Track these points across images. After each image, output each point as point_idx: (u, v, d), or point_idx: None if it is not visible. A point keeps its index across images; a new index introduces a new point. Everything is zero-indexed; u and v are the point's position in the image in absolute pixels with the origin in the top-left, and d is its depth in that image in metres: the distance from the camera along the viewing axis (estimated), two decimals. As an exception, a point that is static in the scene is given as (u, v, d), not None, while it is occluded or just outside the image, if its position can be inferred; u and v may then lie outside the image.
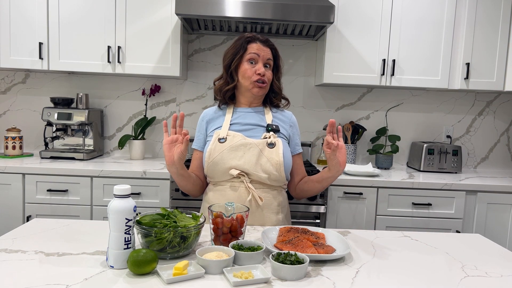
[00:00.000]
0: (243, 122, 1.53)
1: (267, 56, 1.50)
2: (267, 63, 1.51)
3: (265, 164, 1.44)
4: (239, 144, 1.45)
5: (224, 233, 1.14)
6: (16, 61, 2.52)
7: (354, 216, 2.38)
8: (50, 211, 2.33)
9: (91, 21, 2.52)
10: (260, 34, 1.54)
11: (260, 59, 1.49)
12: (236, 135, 1.48)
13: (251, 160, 1.44)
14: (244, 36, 1.52)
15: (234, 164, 1.44)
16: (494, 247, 1.31)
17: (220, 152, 1.45)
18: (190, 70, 2.91)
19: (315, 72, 2.91)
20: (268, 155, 1.45)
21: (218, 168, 1.45)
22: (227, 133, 1.49)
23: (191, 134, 2.97)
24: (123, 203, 1.02)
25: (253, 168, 1.44)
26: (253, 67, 1.48)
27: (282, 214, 1.53)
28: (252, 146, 1.45)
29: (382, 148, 2.82)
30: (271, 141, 1.47)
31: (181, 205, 2.26)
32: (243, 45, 1.50)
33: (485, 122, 3.01)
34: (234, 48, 1.51)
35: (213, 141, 1.48)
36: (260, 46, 1.50)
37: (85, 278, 0.95)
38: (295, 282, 0.97)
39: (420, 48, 2.58)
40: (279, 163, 1.45)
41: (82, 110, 2.65)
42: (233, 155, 1.44)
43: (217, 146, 1.46)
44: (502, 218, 2.42)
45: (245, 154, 1.44)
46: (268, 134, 1.49)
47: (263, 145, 1.46)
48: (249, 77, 1.48)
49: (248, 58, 1.49)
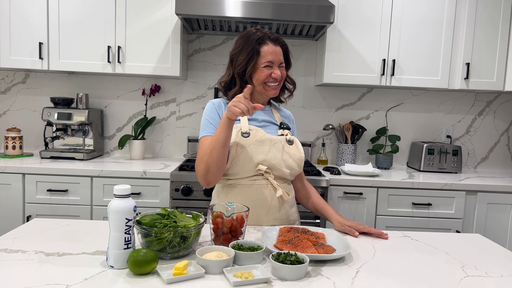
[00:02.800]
0: (259, 118, 1.51)
1: (281, 58, 1.46)
2: (282, 64, 1.47)
3: (288, 159, 1.46)
4: (265, 138, 1.44)
5: (224, 233, 1.14)
6: (16, 61, 2.52)
7: (354, 216, 2.38)
8: (50, 211, 2.33)
9: (91, 21, 2.52)
10: (269, 31, 1.47)
11: (275, 62, 1.44)
12: (258, 129, 1.46)
13: (277, 155, 1.44)
14: (255, 38, 1.42)
15: (261, 158, 1.41)
16: (494, 247, 1.31)
17: (247, 146, 1.41)
18: (190, 70, 2.91)
19: (315, 72, 2.91)
20: (289, 151, 1.47)
21: (245, 163, 1.41)
22: (248, 127, 1.45)
23: (196, 125, 2.97)
24: (123, 203, 1.02)
25: (278, 163, 1.44)
26: (269, 70, 1.43)
27: (295, 206, 1.56)
28: (277, 141, 1.46)
29: (382, 148, 2.82)
30: (290, 138, 1.50)
31: (181, 205, 2.26)
32: (255, 48, 1.41)
33: (485, 122, 3.01)
34: (246, 53, 1.42)
35: (236, 135, 1.42)
36: (273, 47, 1.43)
37: (85, 278, 0.95)
38: (295, 282, 0.97)
39: (420, 48, 2.58)
40: (301, 159, 1.49)
41: (82, 110, 2.65)
42: (260, 149, 1.42)
43: (241, 140, 1.41)
44: (502, 218, 2.42)
45: (271, 149, 1.44)
46: (285, 132, 1.51)
47: (284, 142, 1.48)
48: (263, 80, 1.44)
49: (263, 63, 1.42)
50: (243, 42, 1.44)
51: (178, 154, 2.96)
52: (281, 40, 1.48)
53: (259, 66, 1.42)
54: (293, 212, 1.54)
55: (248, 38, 1.43)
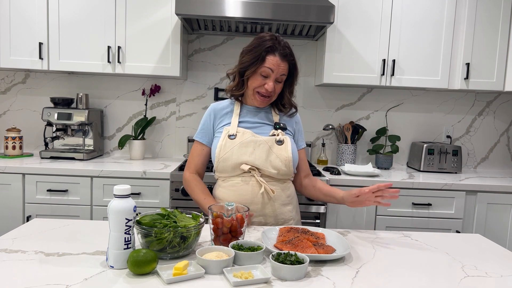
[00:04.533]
0: (252, 120, 1.56)
1: (282, 72, 1.46)
2: (280, 78, 1.48)
3: (274, 160, 1.48)
4: (249, 140, 1.49)
5: (224, 233, 1.15)
6: (16, 61, 2.52)
7: (354, 216, 2.38)
8: (50, 211, 2.33)
9: (91, 21, 2.52)
10: (284, 42, 1.47)
11: (273, 74, 1.45)
12: (245, 131, 1.51)
13: (261, 156, 1.48)
14: (265, 44, 1.43)
15: (244, 159, 1.47)
16: (494, 247, 1.31)
17: (231, 148, 1.48)
18: (190, 70, 2.91)
19: (315, 72, 2.91)
20: (277, 151, 1.49)
21: (229, 163, 1.48)
22: (236, 130, 1.52)
23: (195, 126, 2.97)
24: (123, 203, 1.02)
25: (263, 164, 1.47)
26: (264, 80, 1.46)
27: (291, 205, 1.57)
28: (262, 143, 1.49)
29: (382, 148, 2.82)
30: (280, 138, 1.51)
31: (181, 205, 2.26)
32: (261, 55, 1.43)
33: (485, 122, 3.01)
34: (252, 56, 1.44)
35: (223, 138, 1.51)
36: (278, 60, 1.44)
37: (85, 278, 0.95)
38: (295, 282, 0.97)
39: (420, 48, 2.58)
40: (288, 159, 1.49)
41: (82, 110, 2.65)
42: (244, 151, 1.48)
43: (227, 142, 1.49)
44: (502, 218, 2.42)
45: (255, 150, 1.48)
46: (277, 132, 1.53)
47: (272, 142, 1.50)
48: (255, 88, 1.48)
49: (262, 71, 1.44)
50: (256, 44, 1.46)
51: (178, 154, 2.96)
52: (291, 58, 1.48)
53: (258, 72, 1.46)
54: (286, 211, 1.54)
55: (261, 42, 1.45)
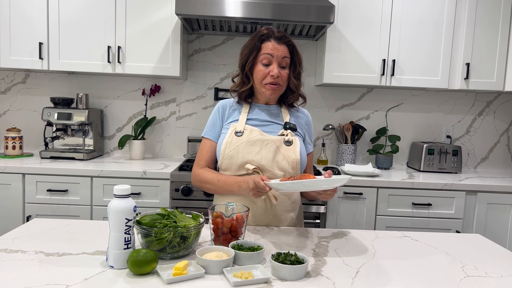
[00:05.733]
0: (261, 118, 1.49)
1: (282, 54, 1.42)
2: (283, 62, 1.43)
3: (281, 161, 1.42)
4: (256, 139, 1.43)
5: (224, 233, 1.14)
6: (16, 61, 2.52)
7: (354, 216, 2.38)
8: (50, 211, 2.33)
9: (91, 21, 2.52)
10: (276, 29, 1.45)
11: (274, 59, 1.41)
12: (253, 129, 1.45)
13: (268, 156, 1.41)
14: (259, 33, 1.43)
15: (250, 158, 1.41)
16: (494, 247, 1.31)
17: (237, 145, 1.42)
18: (190, 70, 2.91)
19: (315, 72, 2.91)
20: (285, 152, 1.43)
21: (233, 161, 1.42)
22: (244, 127, 1.45)
23: (202, 125, 2.97)
24: (123, 203, 1.02)
25: (269, 165, 1.41)
26: (267, 68, 1.42)
27: (294, 213, 1.49)
28: (270, 142, 1.43)
29: (382, 148, 2.82)
30: (289, 138, 1.45)
31: (181, 205, 2.26)
32: (256, 44, 1.42)
33: (485, 122, 3.01)
34: (248, 48, 1.44)
35: (230, 134, 1.44)
36: (274, 44, 1.41)
37: (85, 278, 0.95)
38: (295, 282, 0.97)
39: (420, 48, 2.58)
40: (295, 161, 1.43)
41: (82, 110, 2.65)
42: (250, 149, 1.41)
43: (233, 139, 1.43)
44: (502, 218, 2.42)
45: (261, 149, 1.42)
46: (286, 132, 1.47)
47: (280, 142, 1.44)
48: (262, 79, 1.43)
49: (262, 59, 1.42)
50: (251, 38, 1.46)
51: (178, 154, 2.96)
52: (287, 39, 1.44)
53: (258, 61, 1.43)
54: (289, 218, 1.47)
55: (255, 35, 1.45)
